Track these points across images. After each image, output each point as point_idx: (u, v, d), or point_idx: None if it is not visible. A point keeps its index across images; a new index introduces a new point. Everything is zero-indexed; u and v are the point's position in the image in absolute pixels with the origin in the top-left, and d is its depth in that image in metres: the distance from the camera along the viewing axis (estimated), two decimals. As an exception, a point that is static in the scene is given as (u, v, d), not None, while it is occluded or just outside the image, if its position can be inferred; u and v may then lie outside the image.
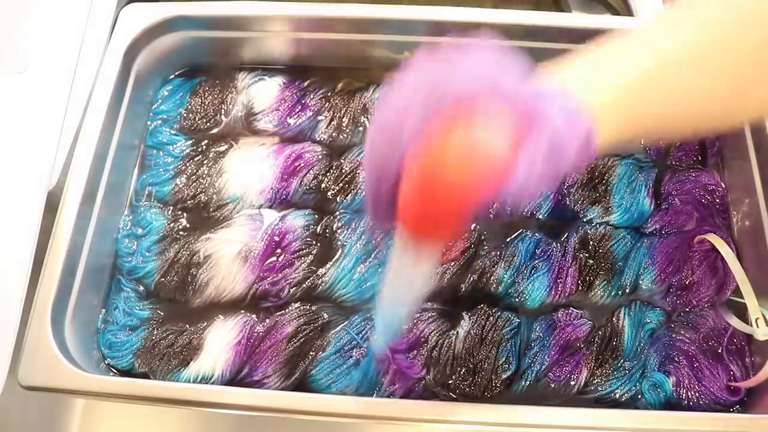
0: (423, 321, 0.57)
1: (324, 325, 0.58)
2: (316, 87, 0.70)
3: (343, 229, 0.61)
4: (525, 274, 0.59)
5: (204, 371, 0.56)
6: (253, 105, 0.69)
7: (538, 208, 0.62)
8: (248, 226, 0.62)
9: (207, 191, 0.64)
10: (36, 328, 0.52)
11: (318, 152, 0.65)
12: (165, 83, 0.70)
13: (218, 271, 0.60)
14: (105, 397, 0.51)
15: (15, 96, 0.56)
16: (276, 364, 0.56)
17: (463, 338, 0.56)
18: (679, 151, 0.65)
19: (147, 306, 0.60)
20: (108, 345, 0.58)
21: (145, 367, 0.57)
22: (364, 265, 0.60)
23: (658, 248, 0.60)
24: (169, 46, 0.68)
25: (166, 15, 0.65)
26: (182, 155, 0.66)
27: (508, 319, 0.57)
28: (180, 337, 0.58)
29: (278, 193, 0.64)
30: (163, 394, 0.51)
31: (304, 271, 0.60)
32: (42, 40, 0.60)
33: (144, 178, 0.65)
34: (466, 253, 0.60)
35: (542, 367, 0.56)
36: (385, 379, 0.55)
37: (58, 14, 0.62)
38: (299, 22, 0.66)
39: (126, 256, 0.62)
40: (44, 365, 0.51)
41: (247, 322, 0.58)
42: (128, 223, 0.64)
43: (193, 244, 0.61)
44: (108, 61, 0.63)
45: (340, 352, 0.56)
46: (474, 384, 0.55)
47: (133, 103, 0.65)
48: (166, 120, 0.68)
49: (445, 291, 0.59)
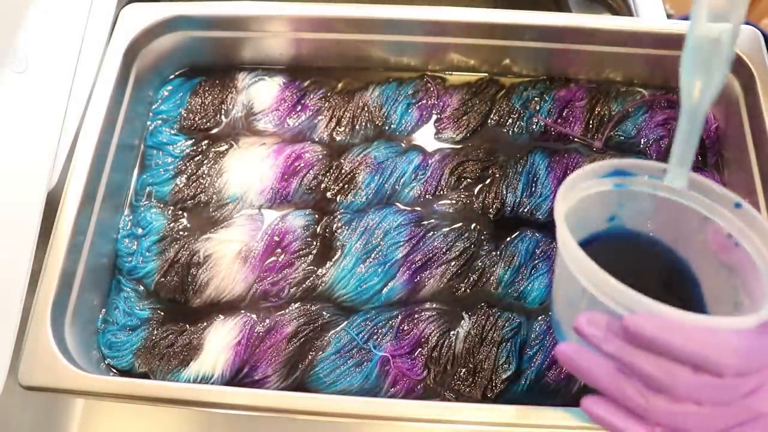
0: (423, 321, 0.57)
1: (324, 325, 0.58)
2: (316, 87, 0.70)
3: (343, 229, 0.61)
4: (525, 274, 0.59)
5: (204, 371, 0.56)
6: (253, 105, 0.69)
7: (538, 208, 0.62)
8: (248, 226, 0.62)
9: (207, 191, 0.64)
10: (36, 328, 0.52)
11: (318, 152, 0.65)
12: (165, 83, 0.70)
13: (218, 271, 0.60)
14: (105, 397, 0.51)
15: (15, 96, 0.56)
16: (276, 364, 0.56)
17: (463, 338, 0.56)
18: (679, 151, 0.65)
19: (147, 306, 0.60)
20: (108, 345, 0.58)
21: (145, 367, 0.57)
22: (364, 265, 0.60)
23: (658, 248, 0.60)
24: (169, 46, 0.68)
25: (166, 15, 0.66)
26: (182, 155, 0.66)
27: (508, 319, 0.57)
28: (180, 337, 0.58)
29: (278, 193, 0.64)
30: (163, 394, 0.51)
31: (304, 271, 0.60)
32: (42, 40, 0.59)
33: (144, 178, 0.65)
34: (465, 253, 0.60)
35: (542, 367, 0.56)
36: (385, 381, 0.55)
37: (58, 14, 0.62)
38: (299, 22, 0.66)
39: (126, 256, 0.62)
40: (44, 365, 0.51)
41: (247, 322, 0.58)
42: (128, 223, 0.64)
43: (193, 244, 0.61)
44: (108, 61, 0.63)
45: (340, 353, 0.56)
46: (474, 384, 0.55)
47: (133, 103, 0.65)
48: (166, 120, 0.68)
49: (445, 291, 0.59)
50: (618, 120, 0.66)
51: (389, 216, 0.62)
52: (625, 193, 0.44)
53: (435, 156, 0.65)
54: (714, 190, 0.41)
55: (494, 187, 0.63)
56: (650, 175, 0.43)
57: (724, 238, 0.41)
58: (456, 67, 0.70)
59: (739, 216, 0.40)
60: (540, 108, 0.67)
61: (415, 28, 0.66)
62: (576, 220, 0.42)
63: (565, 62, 0.69)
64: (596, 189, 0.44)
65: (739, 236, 0.41)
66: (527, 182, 0.63)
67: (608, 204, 0.45)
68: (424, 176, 0.64)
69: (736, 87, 0.63)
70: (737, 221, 0.41)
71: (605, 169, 0.43)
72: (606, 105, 0.67)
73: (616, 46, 0.65)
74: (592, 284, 0.37)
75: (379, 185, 0.64)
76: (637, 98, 0.68)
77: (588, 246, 0.38)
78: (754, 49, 0.62)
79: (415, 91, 0.69)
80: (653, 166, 0.43)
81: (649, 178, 0.43)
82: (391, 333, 0.57)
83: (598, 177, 0.44)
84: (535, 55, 0.68)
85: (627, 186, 0.44)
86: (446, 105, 0.68)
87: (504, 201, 0.63)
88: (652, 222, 0.46)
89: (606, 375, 0.36)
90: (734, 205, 0.41)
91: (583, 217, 0.44)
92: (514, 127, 0.67)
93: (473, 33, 0.66)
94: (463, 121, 0.67)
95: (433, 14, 0.65)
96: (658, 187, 0.43)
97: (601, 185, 0.44)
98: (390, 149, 0.65)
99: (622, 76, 0.69)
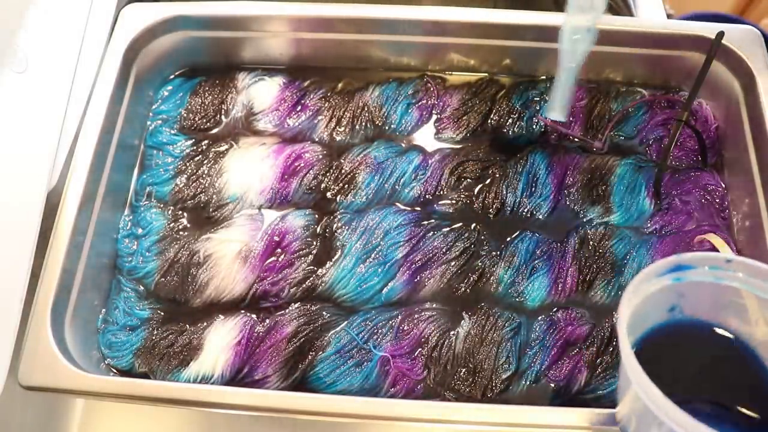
0: (423, 321, 0.57)
1: (324, 325, 0.58)
2: (316, 87, 0.70)
3: (343, 229, 0.61)
4: (525, 274, 0.59)
5: (204, 371, 0.56)
6: (253, 105, 0.69)
7: (538, 208, 0.62)
8: (248, 226, 0.62)
9: (207, 191, 0.64)
10: (36, 328, 0.52)
11: (318, 152, 0.65)
12: (165, 83, 0.70)
13: (218, 271, 0.60)
14: (105, 397, 0.51)
15: (15, 96, 0.55)
16: (276, 364, 0.56)
17: (463, 338, 0.56)
18: (679, 151, 0.65)
19: (147, 306, 0.60)
20: (108, 345, 0.58)
21: (145, 367, 0.57)
22: (364, 265, 0.60)
23: (658, 248, 0.60)
24: (169, 46, 0.68)
25: (166, 15, 0.66)
26: (182, 155, 0.66)
27: (508, 319, 0.57)
28: (180, 337, 0.58)
29: (278, 193, 0.64)
30: (163, 394, 0.51)
31: (304, 271, 0.60)
32: (42, 40, 0.59)
33: (144, 178, 0.65)
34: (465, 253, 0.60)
35: (542, 367, 0.56)
36: (385, 381, 0.55)
37: (58, 14, 0.62)
38: (299, 22, 0.66)
39: (126, 256, 0.62)
40: (44, 365, 0.51)
41: (247, 322, 0.58)
42: (128, 223, 0.64)
43: (193, 244, 0.61)
44: (108, 61, 0.63)
45: (340, 353, 0.56)
46: (474, 384, 0.55)
47: (133, 103, 0.65)
48: (166, 120, 0.68)
49: (445, 291, 0.59)
50: (618, 120, 0.66)
51: (389, 216, 0.62)
52: (685, 286, 0.44)
53: (435, 156, 0.65)
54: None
55: (494, 187, 0.63)
56: (711, 266, 0.43)
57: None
58: (456, 67, 0.70)
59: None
60: (540, 108, 0.67)
61: (415, 28, 0.66)
62: (636, 319, 0.41)
63: (565, 62, 0.69)
64: (656, 287, 0.43)
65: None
66: (527, 182, 0.63)
67: (668, 297, 0.45)
68: (424, 176, 0.64)
69: (736, 87, 0.63)
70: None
71: (665, 267, 0.43)
72: (606, 105, 0.67)
73: (616, 46, 0.65)
74: (662, 413, 0.36)
75: (379, 185, 0.64)
76: (637, 98, 0.68)
77: (649, 338, 0.37)
78: (754, 49, 0.62)
79: (415, 91, 0.69)
80: (713, 258, 0.43)
81: (710, 269, 0.43)
82: (391, 333, 0.57)
83: (657, 276, 0.43)
84: (535, 55, 0.68)
85: (686, 279, 0.43)
86: (446, 105, 0.68)
87: (504, 201, 0.63)
88: (712, 310, 0.45)
89: None
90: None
91: (644, 313, 0.43)
92: (514, 127, 0.67)
93: (473, 33, 0.66)
94: (463, 121, 0.67)
95: (433, 14, 0.65)
96: (720, 277, 0.43)
97: (660, 282, 0.43)
98: (390, 149, 0.66)
99: (622, 76, 0.69)
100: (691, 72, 0.61)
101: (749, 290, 0.42)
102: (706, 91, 0.65)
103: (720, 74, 0.64)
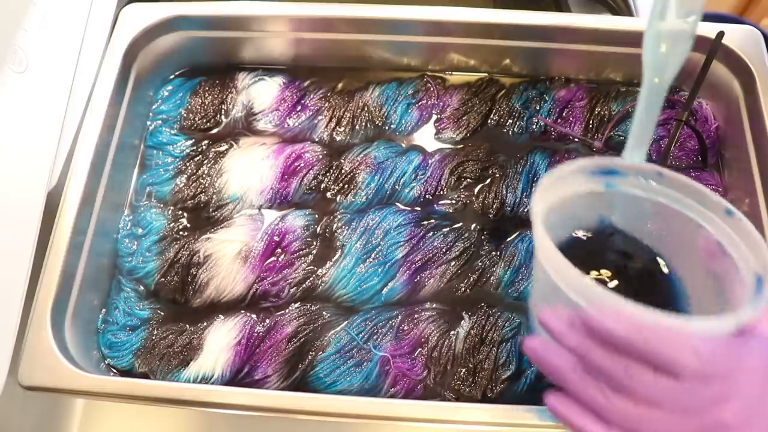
0: (423, 321, 0.57)
1: (324, 325, 0.58)
2: (316, 87, 0.70)
3: (343, 229, 0.61)
4: (525, 274, 0.59)
5: (204, 371, 0.56)
6: (253, 105, 0.69)
7: (538, 208, 0.62)
8: (248, 226, 0.62)
9: (207, 191, 0.64)
10: (36, 328, 0.52)
11: (318, 152, 0.65)
12: (165, 83, 0.70)
13: (218, 271, 0.60)
14: (105, 397, 0.51)
15: (15, 96, 0.55)
16: (276, 364, 0.56)
17: (463, 338, 0.56)
18: (679, 151, 0.65)
19: (147, 306, 0.60)
20: (108, 345, 0.58)
21: (145, 367, 0.57)
22: (364, 265, 0.60)
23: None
24: (169, 46, 0.68)
25: (166, 15, 0.66)
26: (182, 155, 0.66)
27: (508, 319, 0.57)
28: (180, 337, 0.58)
29: (278, 193, 0.64)
30: (163, 394, 0.51)
31: (304, 271, 0.60)
32: (42, 40, 0.59)
33: (144, 178, 0.65)
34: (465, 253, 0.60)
35: (542, 367, 0.56)
36: (386, 381, 0.55)
37: (58, 14, 0.62)
38: (299, 22, 0.66)
39: (126, 256, 0.62)
40: (44, 365, 0.51)
41: (247, 322, 0.58)
42: (128, 223, 0.64)
43: (193, 244, 0.61)
44: (108, 61, 0.63)
45: (340, 353, 0.56)
46: (474, 384, 0.55)
47: (133, 103, 0.65)
48: (166, 120, 0.68)
49: (445, 291, 0.59)
50: (618, 120, 0.66)
51: (389, 216, 0.62)
52: (616, 195, 0.43)
53: (435, 156, 0.65)
54: (708, 197, 0.41)
55: (494, 187, 0.63)
56: (644, 176, 0.42)
57: (713, 246, 0.41)
58: (456, 67, 0.70)
59: (729, 224, 0.40)
60: (540, 108, 0.67)
61: (415, 28, 0.66)
62: (560, 218, 0.41)
63: (565, 62, 0.69)
64: (586, 188, 0.43)
65: (727, 244, 0.40)
66: (527, 182, 0.63)
67: (598, 205, 0.44)
68: (424, 176, 0.64)
69: (736, 87, 0.63)
70: (728, 229, 0.40)
71: (596, 167, 0.42)
72: (606, 105, 0.67)
73: (616, 46, 0.65)
74: (561, 278, 0.36)
75: (379, 185, 0.64)
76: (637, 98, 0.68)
77: (572, 245, 0.37)
78: (754, 49, 0.62)
79: (415, 91, 0.69)
80: (647, 168, 0.42)
81: (643, 179, 0.42)
82: (391, 333, 0.57)
83: (586, 174, 0.43)
84: (535, 55, 0.68)
85: (618, 187, 0.43)
86: (446, 105, 0.68)
87: (504, 201, 0.63)
88: (642, 226, 0.45)
89: (570, 371, 0.35)
90: (725, 212, 0.40)
91: (570, 216, 0.43)
92: (514, 127, 0.67)
93: (473, 33, 0.66)
94: (463, 121, 0.67)
95: (433, 14, 0.65)
96: (652, 191, 0.43)
97: (591, 184, 0.43)
98: (390, 149, 0.66)
99: (622, 76, 0.69)
100: (691, 72, 0.61)
101: (681, 209, 0.42)
102: (706, 91, 0.64)
103: (720, 74, 0.64)
